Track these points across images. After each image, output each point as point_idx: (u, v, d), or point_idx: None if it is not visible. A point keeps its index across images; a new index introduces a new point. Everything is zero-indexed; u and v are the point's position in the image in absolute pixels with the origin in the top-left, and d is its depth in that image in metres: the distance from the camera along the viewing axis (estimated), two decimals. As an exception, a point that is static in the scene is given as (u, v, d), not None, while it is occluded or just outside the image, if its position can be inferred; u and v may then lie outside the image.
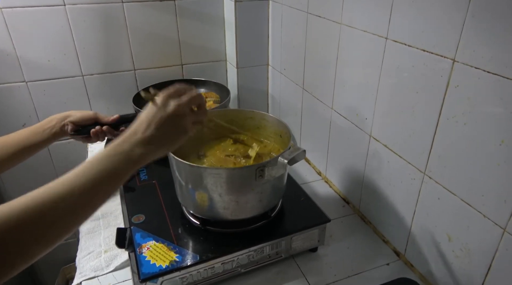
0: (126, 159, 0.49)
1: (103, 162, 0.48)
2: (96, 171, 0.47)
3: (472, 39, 0.52)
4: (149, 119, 0.52)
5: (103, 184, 0.47)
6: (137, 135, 0.51)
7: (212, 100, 1.16)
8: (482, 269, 0.58)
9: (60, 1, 1.04)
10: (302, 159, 0.64)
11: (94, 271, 0.75)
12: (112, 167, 0.48)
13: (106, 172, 0.48)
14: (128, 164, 0.50)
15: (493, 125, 0.52)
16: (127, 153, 0.50)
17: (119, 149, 0.50)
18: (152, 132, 0.51)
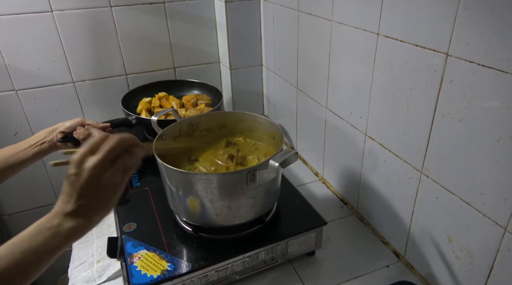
0: (54, 234, 0.45)
1: (30, 240, 0.45)
2: (21, 252, 0.44)
3: (465, 32, 0.50)
4: (70, 189, 0.46)
5: (29, 265, 0.44)
6: (64, 208, 0.46)
7: (204, 102, 1.14)
8: (484, 271, 0.55)
9: (47, 8, 1.02)
10: (295, 161, 0.62)
11: (86, 282, 0.73)
12: (39, 245, 0.45)
13: (32, 251, 0.44)
14: (57, 239, 0.46)
15: (490, 121, 0.49)
16: (56, 227, 0.45)
17: (48, 225, 0.46)
18: (77, 202, 0.46)
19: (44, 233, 0.45)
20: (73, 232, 0.47)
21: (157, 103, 1.12)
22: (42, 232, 0.45)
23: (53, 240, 0.45)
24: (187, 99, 1.14)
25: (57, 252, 0.46)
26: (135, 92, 1.17)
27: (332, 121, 0.90)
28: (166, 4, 1.15)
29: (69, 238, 0.46)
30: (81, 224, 0.47)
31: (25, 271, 0.44)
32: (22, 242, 0.45)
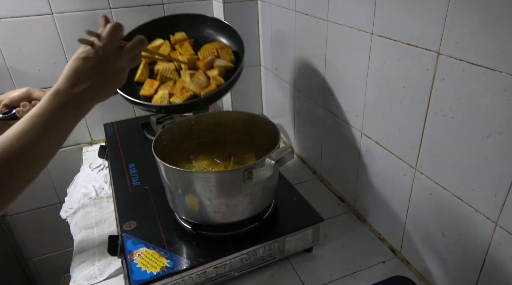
0: (69, 112, 0.51)
1: (48, 115, 0.49)
2: (42, 125, 0.48)
3: (455, 30, 0.51)
4: (89, 72, 0.52)
5: (50, 137, 0.49)
6: (78, 88, 0.51)
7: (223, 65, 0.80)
8: (476, 264, 0.57)
9: (47, 10, 1.04)
10: (291, 159, 0.63)
11: (87, 279, 0.74)
12: (57, 119, 0.50)
13: (52, 125, 0.49)
14: (72, 116, 0.51)
15: (480, 118, 0.51)
16: (70, 106, 0.51)
17: (61, 101, 0.50)
18: (91, 85, 0.52)
19: (59, 110, 0.50)
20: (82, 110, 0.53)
21: (166, 50, 0.85)
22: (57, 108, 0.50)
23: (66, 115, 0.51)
24: (206, 51, 0.82)
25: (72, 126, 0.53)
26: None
27: (329, 120, 0.91)
28: (165, 6, 1.17)
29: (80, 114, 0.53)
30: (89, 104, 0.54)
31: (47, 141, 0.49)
32: (40, 116, 0.49)
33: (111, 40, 0.54)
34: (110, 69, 0.54)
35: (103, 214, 0.91)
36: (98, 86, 0.53)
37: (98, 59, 0.52)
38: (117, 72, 0.55)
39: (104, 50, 0.53)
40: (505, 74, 0.46)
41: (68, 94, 0.51)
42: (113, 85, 0.56)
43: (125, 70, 0.56)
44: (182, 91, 0.76)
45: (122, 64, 0.55)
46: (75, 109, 0.52)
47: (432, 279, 0.68)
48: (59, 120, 0.50)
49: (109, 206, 0.94)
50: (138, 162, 0.97)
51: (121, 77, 0.57)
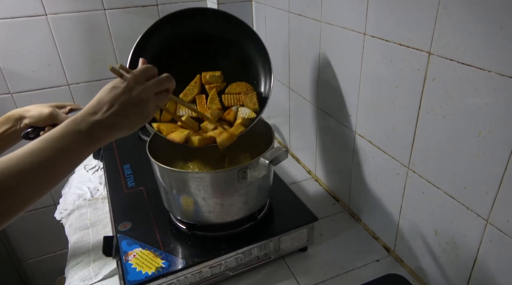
0: (83, 139, 0.49)
1: (59, 140, 0.48)
2: (51, 150, 0.47)
3: (446, 31, 0.52)
4: (111, 101, 0.50)
5: (56, 163, 0.47)
6: (96, 116, 0.50)
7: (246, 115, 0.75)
8: (468, 262, 0.57)
9: (41, 11, 1.04)
10: (285, 159, 0.63)
11: (82, 280, 0.74)
12: (68, 146, 0.48)
13: (61, 151, 0.47)
14: (84, 145, 0.49)
15: (470, 117, 0.51)
16: (84, 133, 0.49)
17: (76, 128, 0.49)
18: (113, 115, 0.50)
19: (72, 137, 0.48)
20: (99, 140, 0.51)
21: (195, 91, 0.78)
22: (70, 135, 0.48)
23: (80, 144, 0.49)
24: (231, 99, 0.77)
25: (81, 158, 0.51)
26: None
27: (323, 120, 0.92)
28: (159, 7, 1.17)
29: (94, 145, 0.51)
30: (107, 135, 0.51)
31: (53, 167, 0.47)
32: (51, 141, 0.47)
33: (141, 74, 0.53)
34: (133, 100, 0.51)
35: (98, 215, 0.91)
36: (117, 115, 0.50)
37: (123, 89, 0.51)
38: (140, 103, 0.52)
39: (132, 82, 0.52)
40: (494, 74, 0.46)
41: (85, 121, 0.49)
42: (135, 116, 0.53)
43: (149, 103, 0.53)
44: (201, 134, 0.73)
45: (146, 96, 0.53)
46: (89, 137, 0.50)
47: (425, 276, 0.68)
48: (70, 148, 0.48)
49: (104, 207, 0.94)
50: (133, 163, 0.97)
51: (145, 110, 0.53)
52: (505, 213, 0.49)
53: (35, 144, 0.47)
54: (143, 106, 0.53)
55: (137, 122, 0.54)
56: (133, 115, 0.52)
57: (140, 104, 0.52)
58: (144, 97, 0.52)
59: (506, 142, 0.47)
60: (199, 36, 0.79)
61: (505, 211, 0.49)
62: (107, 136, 0.51)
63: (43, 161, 0.46)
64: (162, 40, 0.76)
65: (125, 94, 0.51)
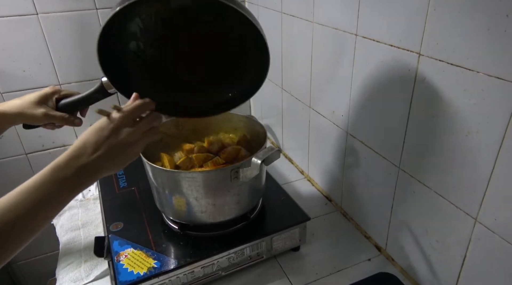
0: (67, 186, 0.47)
1: (42, 190, 0.45)
2: (33, 201, 0.44)
3: (435, 32, 0.53)
4: (97, 143, 0.48)
5: (40, 214, 0.45)
6: (81, 159, 0.47)
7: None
8: (458, 260, 0.58)
9: (32, 10, 1.03)
10: (277, 158, 0.63)
11: (73, 281, 0.73)
12: (51, 196, 0.46)
13: (44, 201, 0.45)
14: (69, 191, 0.47)
15: (459, 117, 0.52)
16: (70, 179, 0.47)
17: (61, 175, 0.46)
18: (99, 157, 0.48)
19: (56, 185, 0.46)
20: (86, 183, 0.49)
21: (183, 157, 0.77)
22: (54, 183, 0.46)
23: (67, 190, 0.47)
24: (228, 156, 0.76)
25: (67, 202, 0.48)
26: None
27: (315, 120, 0.92)
28: (152, 7, 1.16)
29: (80, 189, 0.48)
30: (94, 177, 0.49)
31: (35, 220, 0.45)
32: (33, 192, 0.45)
33: (131, 114, 0.51)
34: (120, 143, 0.50)
35: (90, 215, 0.91)
36: (104, 158, 0.49)
37: (110, 132, 0.49)
38: (127, 145, 0.50)
39: (120, 124, 0.50)
40: (482, 74, 0.47)
41: (70, 166, 0.47)
42: (122, 158, 0.51)
43: (138, 144, 0.52)
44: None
45: (135, 138, 0.51)
46: (75, 182, 0.48)
47: (416, 275, 0.69)
48: (55, 195, 0.46)
49: (95, 208, 0.93)
50: (125, 163, 0.97)
51: (133, 150, 0.52)
52: (493, 212, 0.50)
53: (16, 197, 0.44)
54: (131, 148, 0.51)
55: (125, 163, 0.52)
56: (120, 157, 0.51)
57: (127, 146, 0.50)
58: (132, 140, 0.50)
59: (494, 142, 0.48)
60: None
61: (492, 209, 0.50)
62: (93, 178, 0.49)
63: (24, 214, 0.44)
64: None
65: (112, 137, 0.49)
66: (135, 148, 0.52)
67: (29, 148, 1.18)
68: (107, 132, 0.49)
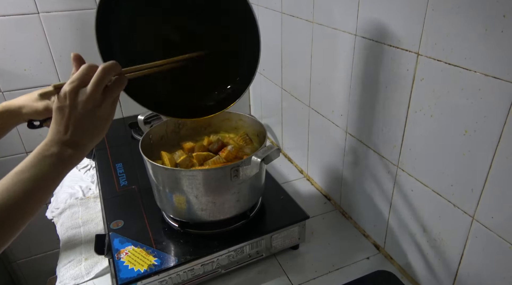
0: (56, 161, 0.48)
1: (35, 168, 0.47)
2: (28, 180, 0.46)
3: (433, 32, 0.53)
4: (64, 123, 0.48)
5: (36, 191, 0.46)
6: (61, 138, 0.49)
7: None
8: (455, 258, 0.59)
9: (33, 10, 1.03)
10: (277, 157, 0.64)
11: (74, 279, 0.74)
12: (44, 172, 0.47)
13: (38, 178, 0.46)
14: (59, 166, 0.48)
15: (457, 116, 0.53)
16: (56, 155, 0.48)
17: (48, 153, 0.48)
18: (72, 133, 0.48)
19: (45, 160, 0.47)
20: (71, 159, 0.49)
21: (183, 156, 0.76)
22: (43, 160, 0.47)
23: (55, 167, 0.48)
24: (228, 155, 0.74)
25: (58, 180, 0.49)
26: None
27: (315, 120, 0.93)
28: (152, 6, 1.17)
29: (68, 165, 0.49)
30: (78, 152, 0.50)
31: (29, 200, 0.46)
32: (23, 172, 0.46)
33: (76, 84, 0.48)
34: (82, 114, 0.48)
35: (90, 214, 0.91)
36: (78, 133, 0.49)
37: (68, 108, 0.48)
38: (91, 113, 0.49)
39: (68, 98, 0.48)
40: (479, 74, 0.48)
41: (53, 145, 0.48)
42: (95, 125, 0.51)
43: (101, 106, 0.50)
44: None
45: (92, 103, 0.48)
46: (63, 157, 0.48)
47: (414, 273, 0.70)
48: (46, 172, 0.47)
49: (96, 206, 0.93)
50: (126, 162, 0.97)
51: (102, 114, 0.50)
52: (490, 210, 0.51)
53: (11, 178, 0.46)
54: (97, 111, 0.49)
55: (101, 126, 0.52)
56: (93, 125, 0.50)
57: (91, 114, 0.49)
58: (91, 104, 0.48)
59: (491, 140, 0.48)
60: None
61: (490, 207, 0.51)
62: (79, 153, 0.50)
63: (23, 193, 0.45)
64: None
65: (72, 112, 0.48)
66: (101, 111, 0.50)
67: (30, 147, 1.18)
68: (66, 109, 0.48)
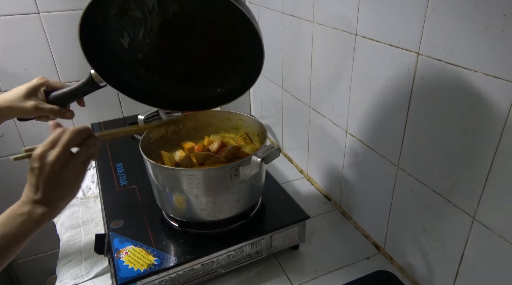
0: (26, 220, 0.49)
1: (4, 225, 0.48)
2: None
3: (433, 32, 0.53)
4: (36, 183, 0.49)
5: (3, 248, 0.47)
6: (33, 197, 0.50)
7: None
8: (455, 257, 0.58)
9: (34, 9, 1.03)
10: (277, 157, 0.64)
11: (74, 278, 0.74)
12: (13, 229, 0.48)
13: (7, 236, 0.47)
14: (30, 225, 0.49)
15: (457, 116, 0.53)
16: (27, 214, 0.49)
17: (19, 211, 0.49)
18: (44, 192, 0.49)
19: (16, 219, 0.48)
20: (42, 218, 0.50)
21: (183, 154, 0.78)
22: (14, 218, 0.48)
23: (25, 225, 0.49)
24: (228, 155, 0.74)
25: (28, 237, 0.50)
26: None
27: (315, 120, 0.93)
28: (153, 6, 1.17)
29: (39, 223, 0.50)
30: (50, 210, 0.51)
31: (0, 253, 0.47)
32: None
33: (47, 147, 0.50)
34: (55, 172, 0.49)
35: (90, 213, 0.91)
36: (50, 192, 0.50)
37: (38, 168, 0.49)
38: (61, 172, 0.50)
39: (41, 159, 0.49)
40: (479, 74, 0.48)
41: (25, 204, 0.49)
42: (67, 184, 0.51)
43: (68, 165, 0.50)
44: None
45: (61, 162, 0.50)
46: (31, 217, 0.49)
47: (414, 273, 0.70)
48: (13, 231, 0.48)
49: (96, 206, 0.93)
50: (126, 162, 0.97)
51: (72, 172, 0.51)
52: (490, 210, 0.51)
53: None
54: (67, 170, 0.50)
55: (74, 185, 0.52)
56: (61, 184, 0.51)
57: (59, 173, 0.50)
58: (58, 166, 0.49)
59: (491, 140, 0.48)
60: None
61: (490, 207, 0.51)
62: (51, 211, 0.50)
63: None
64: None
65: (42, 172, 0.49)
66: (72, 168, 0.51)
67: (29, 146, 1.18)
68: (36, 170, 0.49)
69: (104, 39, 0.65)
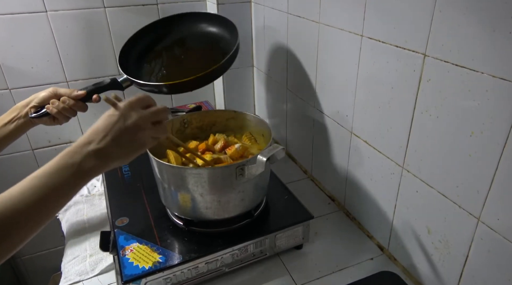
0: (76, 172, 0.47)
1: (52, 176, 0.46)
2: (44, 187, 0.45)
3: (441, 33, 0.53)
4: (106, 129, 0.49)
5: (50, 201, 0.46)
6: (90, 146, 0.48)
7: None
8: (460, 259, 0.59)
9: (41, 8, 1.04)
10: (282, 156, 0.64)
11: (79, 275, 0.74)
12: (61, 182, 0.46)
13: (54, 188, 0.46)
14: (78, 178, 0.48)
15: (463, 117, 0.53)
16: (78, 165, 0.47)
17: (70, 161, 0.47)
18: (108, 143, 0.49)
19: (66, 170, 0.47)
20: (93, 171, 0.49)
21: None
22: (63, 169, 0.47)
23: (74, 178, 0.47)
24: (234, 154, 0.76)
25: (75, 192, 0.49)
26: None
27: (319, 120, 0.93)
28: (159, 6, 1.17)
29: (87, 177, 0.49)
30: (101, 164, 0.49)
31: (46, 205, 0.46)
32: (44, 177, 0.46)
33: (136, 103, 0.52)
34: (128, 127, 0.50)
35: (95, 211, 0.92)
36: (112, 143, 0.49)
37: (118, 116, 0.50)
38: (135, 131, 0.51)
39: (127, 109, 0.51)
40: (486, 75, 0.48)
41: (79, 153, 0.48)
42: (130, 145, 0.51)
43: (145, 131, 0.51)
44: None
45: (142, 123, 0.51)
46: (83, 169, 0.48)
47: (418, 274, 0.70)
48: (64, 181, 0.47)
49: (101, 203, 0.94)
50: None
51: (141, 138, 0.52)
52: (496, 212, 0.51)
53: (28, 183, 0.45)
54: (139, 134, 0.51)
55: (132, 151, 0.52)
56: (128, 143, 0.51)
57: (135, 132, 0.51)
58: (140, 123, 0.51)
59: (497, 142, 0.48)
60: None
61: (495, 209, 0.51)
62: (101, 166, 0.49)
63: (36, 201, 0.44)
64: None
65: (120, 121, 0.50)
66: (142, 135, 0.52)
67: (35, 144, 1.19)
68: (115, 117, 0.50)
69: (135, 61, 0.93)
